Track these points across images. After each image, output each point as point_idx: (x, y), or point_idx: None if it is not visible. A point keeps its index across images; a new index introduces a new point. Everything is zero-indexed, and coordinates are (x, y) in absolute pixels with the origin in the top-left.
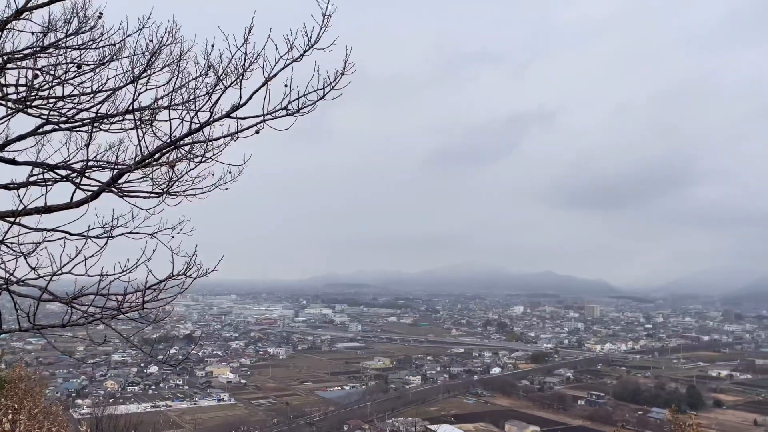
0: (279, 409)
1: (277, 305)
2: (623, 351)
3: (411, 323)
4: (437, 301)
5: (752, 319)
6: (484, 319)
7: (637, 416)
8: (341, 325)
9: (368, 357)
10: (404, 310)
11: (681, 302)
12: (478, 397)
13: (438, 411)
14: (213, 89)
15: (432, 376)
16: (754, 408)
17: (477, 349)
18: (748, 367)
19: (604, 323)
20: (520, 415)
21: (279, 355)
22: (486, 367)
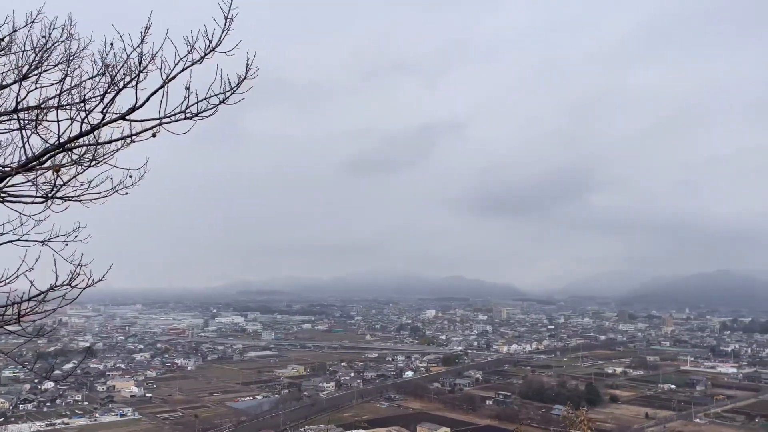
0: (187, 422)
1: (185, 314)
2: (528, 351)
3: (325, 330)
4: (352, 307)
5: (644, 319)
6: (398, 324)
7: (540, 414)
8: (254, 333)
9: (282, 365)
10: (319, 316)
11: (580, 304)
12: (391, 401)
13: (352, 417)
14: (107, 90)
15: (346, 382)
16: (645, 402)
17: (391, 353)
18: (640, 363)
19: (511, 325)
20: (431, 417)
21: (187, 366)
22: (399, 371)
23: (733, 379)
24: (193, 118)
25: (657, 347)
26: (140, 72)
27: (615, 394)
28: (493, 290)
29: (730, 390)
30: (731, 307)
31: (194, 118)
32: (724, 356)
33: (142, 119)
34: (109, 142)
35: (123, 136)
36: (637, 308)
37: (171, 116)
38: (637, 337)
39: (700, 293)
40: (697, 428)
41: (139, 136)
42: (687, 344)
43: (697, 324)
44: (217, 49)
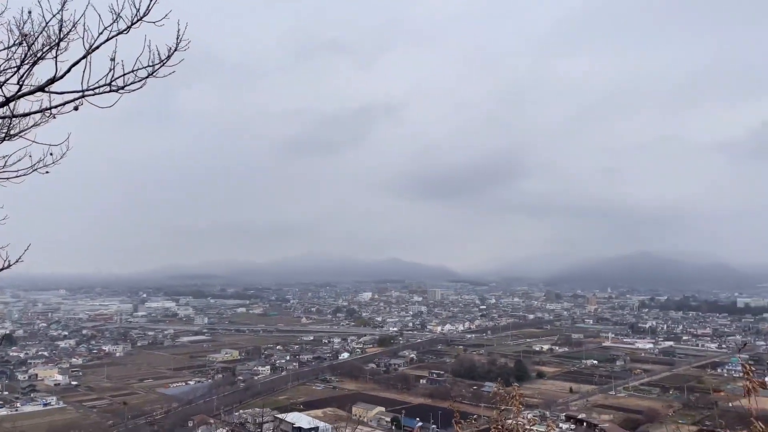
0: (116, 410)
1: (113, 300)
2: (461, 331)
3: (261, 313)
4: (288, 291)
5: (569, 298)
6: (334, 307)
7: (472, 391)
8: (186, 318)
9: (215, 350)
10: (254, 300)
11: (511, 285)
12: (326, 383)
13: (287, 399)
14: (23, 60)
15: (281, 365)
16: (570, 377)
17: (327, 335)
18: (565, 341)
19: (445, 306)
20: (366, 397)
21: (116, 352)
22: (335, 353)
23: (650, 354)
24: (119, 91)
25: (581, 325)
26: (60, 41)
27: (542, 371)
28: (429, 272)
29: (647, 364)
30: (649, 286)
31: (120, 91)
32: (642, 333)
33: (63, 91)
34: (25, 115)
35: (42, 109)
36: (564, 288)
37: (94, 89)
38: (563, 315)
39: (621, 273)
40: (617, 401)
41: (59, 109)
42: (609, 322)
43: (618, 303)
44: (144, 19)
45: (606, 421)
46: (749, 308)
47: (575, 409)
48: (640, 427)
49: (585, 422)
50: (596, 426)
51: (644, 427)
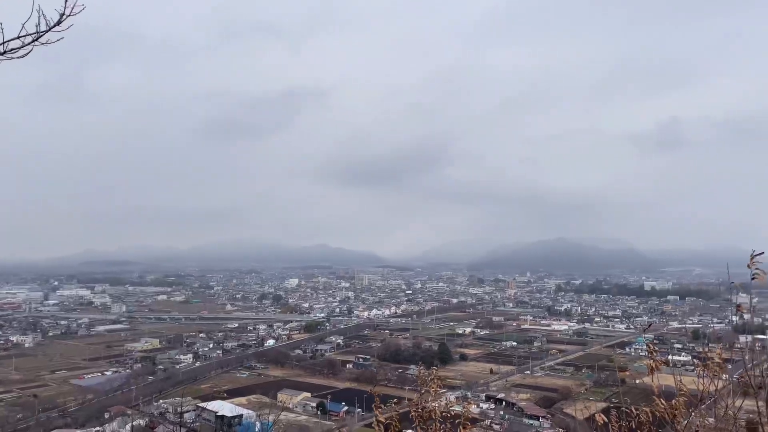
0: (25, 403)
1: (21, 288)
2: (387, 316)
3: (182, 301)
4: (211, 277)
5: (491, 283)
6: (260, 293)
7: (397, 374)
8: (102, 306)
9: (134, 339)
10: (175, 287)
11: (436, 270)
12: (251, 370)
13: (210, 388)
14: None
15: (204, 353)
16: (490, 359)
17: (252, 322)
18: (486, 324)
19: (372, 291)
20: (292, 383)
21: (24, 343)
22: (261, 340)
23: (565, 335)
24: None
25: (502, 308)
26: None
27: (464, 353)
28: (356, 258)
29: (563, 345)
30: (566, 270)
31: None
32: (558, 315)
33: None
34: None
35: None
36: (486, 273)
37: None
38: (485, 299)
39: (540, 259)
40: (534, 380)
41: None
42: (527, 305)
43: (537, 286)
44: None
45: (524, 399)
46: (655, 291)
47: (495, 390)
48: (555, 405)
49: (504, 401)
50: (514, 405)
51: (559, 405)
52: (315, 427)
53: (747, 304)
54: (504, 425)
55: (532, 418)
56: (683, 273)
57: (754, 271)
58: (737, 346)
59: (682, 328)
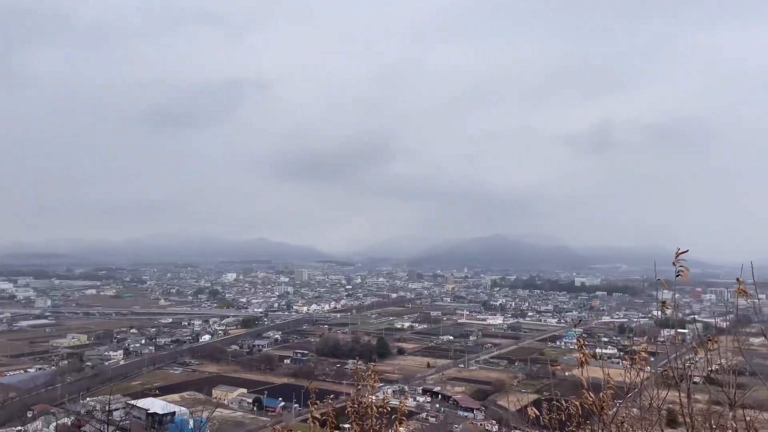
0: None
1: None
2: (327, 311)
3: (113, 295)
4: (144, 271)
5: (430, 278)
6: (196, 288)
7: (335, 369)
8: (25, 300)
9: (60, 334)
10: (106, 281)
11: (376, 265)
12: (185, 367)
13: (141, 385)
14: None
15: (136, 349)
16: (428, 353)
17: (187, 318)
18: (425, 318)
19: (311, 286)
20: (228, 379)
21: None
22: (196, 335)
23: (500, 329)
24: None
25: (440, 303)
26: None
27: (402, 347)
28: (296, 252)
29: (497, 339)
30: (502, 266)
31: None
32: (493, 309)
33: None
34: None
35: None
36: (425, 268)
37: None
38: (424, 294)
39: (478, 254)
40: (469, 374)
41: None
42: (464, 300)
43: (474, 282)
44: None
45: (459, 392)
46: (584, 287)
47: (432, 383)
48: (489, 397)
49: (440, 394)
50: (450, 397)
51: (492, 397)
52: (250, 423)
53: (670, 300)
54: (439, 418)
55: (467, 411)
56: (611, 270)
57: (679, 269)
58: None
59: (609, 323)
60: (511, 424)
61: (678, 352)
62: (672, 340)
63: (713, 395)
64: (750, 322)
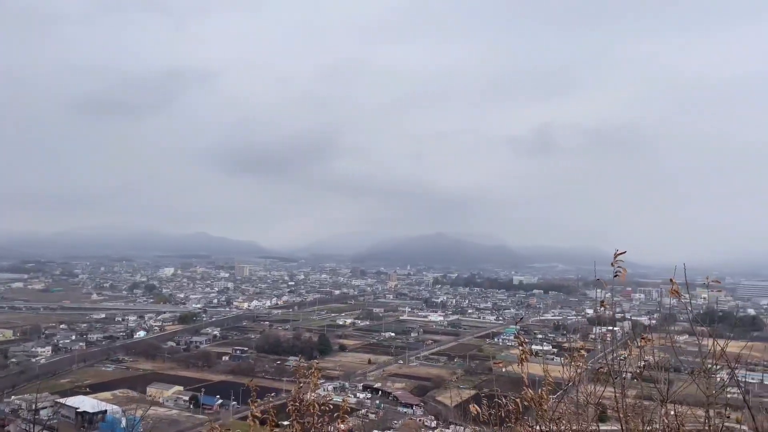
0: None
1: None
2: (268, 307)
3: (42, 289)
4: (76, 265)
5: (373, 275)
6: (131, 282)
7: (276, 366)
8: None
9: None
10: (34, 274)
11: (320, 261)
12: (119, 364)
13: (71, 383)
14: None
15: (66, 345)
16: (369, 349)
17: (121, 313)
18: (367, 315)
19: (253, 282)
20: (163, 377)
21: None
22: (130, 331)
23: (440, 326)
24: None
25: (382, 300)
26: None
27: (344, 344)
28: (238, 248)
29: (438, 335)
30: (444, 264)
31: None
32: (434, 307)
33: None
34: None
35: None
36: (369, 265)
37: None
38: (367, 291)
39: (421, 252)
40: (409, 370)
41: None
42: (407, 297)
43: (416, 279)
44: None
45: (399, 388)
46: (522, 285)
47: (372, 379)
48: (428, 393)
49: (380, 391)
50: (390, 394)
51: (432, 393)
52: (186, 422)
53: (605, 299)
54: (379, 414)
55: (406, 407)
56: (548, 269)
57: (617, 269)
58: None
59: (545, 320)
60: (449, 419)
61: (610, 348)
62: (604, 337)
63: (643, 390)
64: (676, 321)
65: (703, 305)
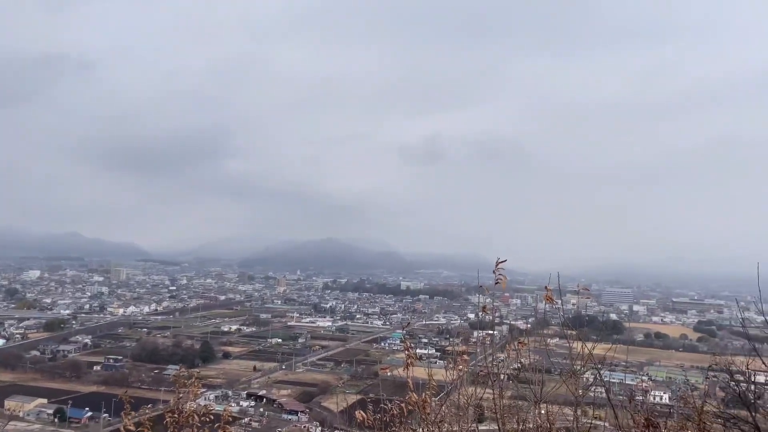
0: None
1: None
2: (147, 313)
3: None
4: None
5: (261, 280)
6: None
7: (153, 375)
8: None
9: None
10: None
11: (205, 265)
12: None
13: None
14: None
15: None
16: (255, 356)
17: None
18: (254, 321)
19: (130, 286)
20: (25, 389)
21: None
22: None
23: (328, 331)
24: None
25: (270, 305)
26: None
27: (228, 351)
28: (115, 250)
29: (325, 341)
30: (334, 269)
31: None
32: (323, 312)
33: None
34: None
35: None
36: (257, 270)
37: None
38: (254, 296)
39: (311, 257)
40: (296, 376)
41: None
42: (295, 302)
43: (306, 284)
44: None
45: (284, 395)
46: (409, 290)
47: (257, 387)
48: (314, 399)
49: (265, 398)
50: (275, 401)
51: (317, 399)
52: None
53: (486, 304)
54: (263, 422)
55: (291, 413)
56: (434, 274)
57: (498, 276)
58: (472, 340)
59: (430, 324)
60: (335, 425)
61: (489, 351)
62: (484, 341)
63: (519, 391)
64: (549, 324)
65: (572, 310)
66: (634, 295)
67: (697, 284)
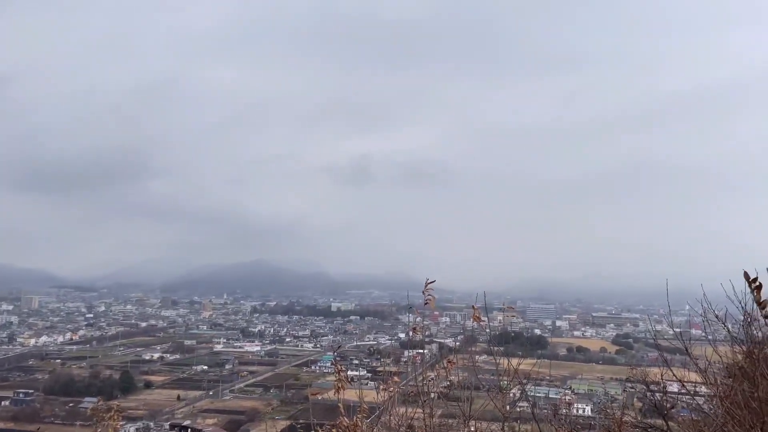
0: None
1: None
2: (60, 343)
3: None
4: None
5: (186, 305)
6: None
7: (67, 409)
8: None
9: None
10: None
11: (125, 291)
12: None
13: None
14: None
15: None
16: (179, 385)
17: None
18: (177, 348)
19: (43, 315)
20: None
21: None
22: None
23: (257, 356)
24: None
25: (195, 331)
26: None
27: (150, 380)
28: (24, 276)
29: (254, 366)
30: (262, 292)
31: None
32: (252, 336)
33: None
34: None
35: None
36: (182, 294)
37: None
38: (178, 322)
39: (238, 280)
40: (222, 404)
41: None
42: (222, 327)
43: (233, 308)
44: None
45: (210, 425)
46: (340, 311)
47: (181, 417)
48: (242, 427)
49: (190, 428)
50: (200, 431)
51: (245, 426)
52: None
53: (416, 324)
54: None
55: None
56: (364, 295)
57: (427, 297)
58: (403, 359)
59: (361, 345)
60: None
61: (419, 371)
62: (414, 360)
63: (449, 409)
64: (476, 342)
65: (498, 327)
66: (556, 311)
67: (614, 299)
